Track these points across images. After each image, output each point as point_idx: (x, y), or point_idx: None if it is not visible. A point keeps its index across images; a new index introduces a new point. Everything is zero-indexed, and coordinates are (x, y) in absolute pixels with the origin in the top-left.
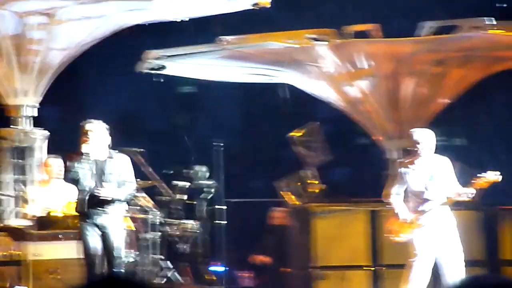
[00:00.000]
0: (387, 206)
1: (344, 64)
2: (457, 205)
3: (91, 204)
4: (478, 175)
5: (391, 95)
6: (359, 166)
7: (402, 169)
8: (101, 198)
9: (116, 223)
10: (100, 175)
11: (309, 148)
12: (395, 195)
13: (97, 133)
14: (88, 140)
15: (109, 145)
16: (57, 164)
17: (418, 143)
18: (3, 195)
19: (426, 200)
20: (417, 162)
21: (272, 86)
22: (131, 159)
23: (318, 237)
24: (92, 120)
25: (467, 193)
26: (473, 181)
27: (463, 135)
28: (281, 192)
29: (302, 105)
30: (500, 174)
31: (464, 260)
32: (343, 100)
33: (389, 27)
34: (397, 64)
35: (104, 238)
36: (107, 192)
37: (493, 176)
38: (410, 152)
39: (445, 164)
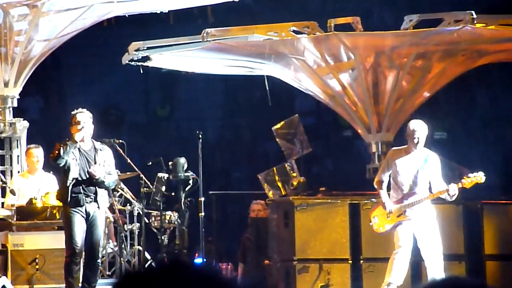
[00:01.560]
0: (367, 199)
1: (325, 57)
2: (438, 199)
3: (80, 191)
4: (467, 175)
5: (372, 89)
6: (341, 159)
7: (393, 158)
8: (94, 180)
9: (102, 212)
10: (85, 164)
11: (289, 141)
12: (381, 183)
13: (87, 122)
14: (81, 129)
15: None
16: (37, 154)
17: (415, 133)
18: None
19: (413, 192)
20: (410, 153)
21: (255, 78)
22: (111, 149)
23: (298, 229)
24: (84, 110)
25: (450, 191)
26: (461, 181)
27: (444, 129)
28: (262, 184)
29: (284, 97)
30: (482, 169)
31: (445, 254)
32: (324, 93)
33: (371, 20)
34: (378, 57)
35: (90, 226)
36: (100, 172)
37: (480, 177)
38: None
39: (435, 159)
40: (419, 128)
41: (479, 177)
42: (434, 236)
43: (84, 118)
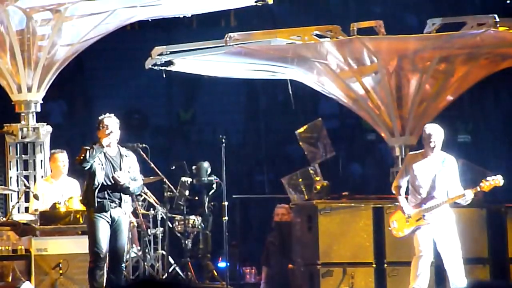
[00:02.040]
0: (391, 202)
1: (348, 61)
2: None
3: (104, 197)
4: (485, 179)
5: (395, 92)
6: (364, 163)
7: (411, 162)
8: (119, 186)
9: (127, 217)
10: (111, 169)
11: (312, 144)
12: (399, 188)
13: (115, 128)
14: (109, 133)
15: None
16: (63, 159)
17: (432, 137)
18: (8, 190)
19: (431, 197)
20: (427, 157)
21: (277, 82)
22: (134, 154)
23: (322, 233)
24: (111, 115)
25: (466, 197)
26: (480, 185)
27: (468, 131)
28: (285, 188)
29: (307, 101)
30: (506, 171)
31: (469, 258)
32: (348, 97)
33: (394, 24)
34: (401, 61)
35: (115, 231)
36: (125, 178)
37: (498, 180)
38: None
39: (452, 162)
40: (435, 132)
41: (497, 180)
42: (453, 240)
43: (112, 123)
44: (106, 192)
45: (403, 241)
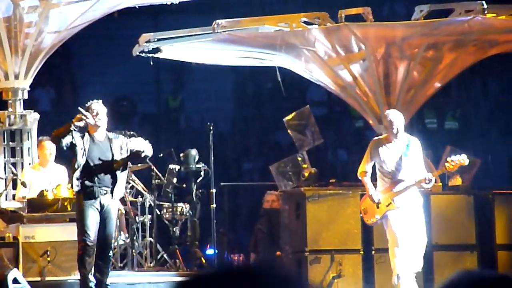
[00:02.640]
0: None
1: (336, 48)
2: (448, 189)
3: (94, 183)
4: (450, 159)
5: (383, 79)
6: (352, 150)
7: (376, 147)
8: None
9: (116, 203)
10: (100, 154)
11: (300, 132)
12: (366, 173)
13: (102, 113)
14: (100, 119)
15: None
16: (50, 147)
17: (394, 124)
18: None
19: (399, 180)
20: (391, 141)
21: (265, 69)
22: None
23: (310, 221)
24: (99, 101)
25: (427, 178)
26: (445, 165)
27: (456, 118)
28: (274, 175)
29: (295, 88)
30: (494, 158)
31: (457, 245)
32: (335, 84)
33: (381, 11)
34: (389, 48)
35: (104, 219)
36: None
37: (463, 159)
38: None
39: (416, 144)
40: (396, 118)
41: (462, 159)
42: (420, 224)
43: (99, 108)
44: (95, 178)
45: (375, 225)
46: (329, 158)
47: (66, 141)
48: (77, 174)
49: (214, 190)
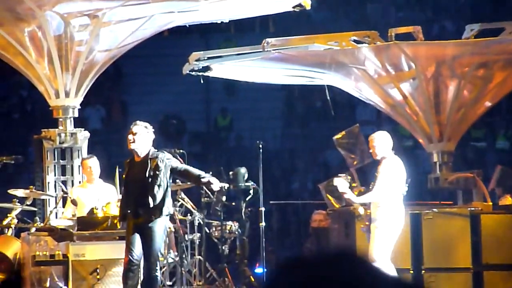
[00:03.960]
0: (428, 209)
1: (386, 67)
2: (499, 209)
3: (133, 203)
4: None
5: (433, 98)
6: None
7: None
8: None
9: (160, 223)
10: (139, 175)
11: (349, 150)
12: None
13: (139, 135)
14: (134, 140)
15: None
16: (91, 164)
17: (373, 145)
18: (45, 195)
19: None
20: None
21: (315, 88)
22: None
23: (359, 239)
24: (139, 122)
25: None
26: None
27: (506, 137)
28: (323, 194)
29: (345, 107)
30: None
31: (507, 264)
32: (385, 103)
33: (432, 30)
34: (440, 67)
35: (145, 236)
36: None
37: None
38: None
39: (383, 164)
40: (371, 140)
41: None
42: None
43: (137, 129)
44: (133, 196)
45: (441, 247)
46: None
47: None
48: (125, 200)
49: (263, 209)
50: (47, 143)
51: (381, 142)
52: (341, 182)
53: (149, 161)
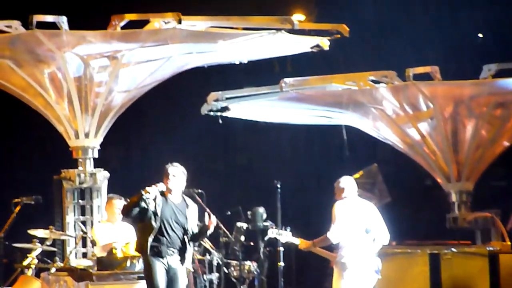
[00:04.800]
0: (447, 248)
1: (404, 106)
2: None
3: (162, 243)
4: None
5: (451, 138)
6: (420, 208)
7: None
8: (205, 231)
9: (184, 268)
10: (173, 216)
11: (368, 190)
12: None
13: (178, 177)
14: (170, 182)
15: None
16: (119, 206)
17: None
18: (65, 235)
19: None
20: None
21: (334, 127)
22: (190, 199)
23: (379, 279)
24: (176, 164)
25: None
26: None
27: None
28: None
29: (363, 146)
30: None
31: None
32: (403, 142)
33: (449, 69)
34: (457, 107)
35: (171, 280)
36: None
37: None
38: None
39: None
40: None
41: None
42: None
43: (175, 171)
44: (164, 238)
45: (460, 287)
46: (396, 217)
47: (135, 212)
48: (151, 238)
49: (281, 248)
50: (66, 183)
51: (339, 186)
52: (280, 233)
53: (188, 207)
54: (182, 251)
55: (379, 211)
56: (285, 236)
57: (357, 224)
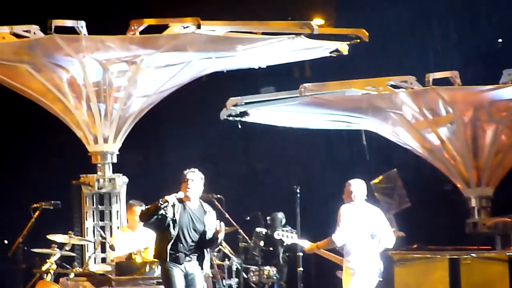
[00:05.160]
0: (467, 254)
1: (423, 111)
2: None
3: (180, 250)
4: None
5: (471, 143)
6: (439, 213)
7: None
8: (217, 238)
9: (202, 274)
10: (190, 223)
11: (387, 195)
12: None
13: (196, 183)
14: (188, 188)
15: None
16: (139, 211)
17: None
18: (84, 241)
19: None
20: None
21: (353, 132)
22: (209, 204)
23: (398, 285)
24: (195, 170)
25: None
26: None
27: None
28: None
29: (382, 151)
30: None
31: None
32: (423, 147)
33: (469, 74)
34: (477, 112)
35: (189, 284)
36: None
37: None
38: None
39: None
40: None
41: None
42: None
43: (194, 177)
44: (182, 245)
45: None
46: (416, 222)
47: (153, 220)
48: (169, 245)
49: (301, 254)
50: (85, 188)
51: (348, 189)
52: (285, 235)
53: (206, 214)
54: (199, 257)
55: (399, 215)
56: (292, 238)
57: (363, 229)
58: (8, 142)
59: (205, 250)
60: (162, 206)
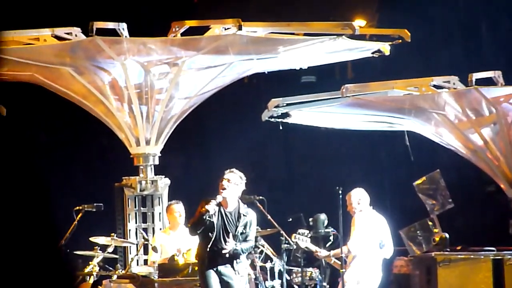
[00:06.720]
0: (511, 254)
1: (466, 112)
2: None
3: (217, 253)
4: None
5: None
6: (483, 214)
7: None
8: (223, 252)
9: (239, 277)
10: (224, 226)
11: (430, 196)
12: None
13: (232, 183)
14: (224, 188)
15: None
16: (179, 209)
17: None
18: (127, 243)
19: None
20: None
21: (395, 133)
22: (251, 206)
23: (441, 286)
24: (235, 170)
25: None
26: None
27: None
28: (404, 240)
29: (425, 152)
30: None
31: None
32: (466, 148)
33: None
34: None
35: (226, 287)
36: (230, 248)
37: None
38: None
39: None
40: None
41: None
42: None
43: (230, 177)
44: (216, 248)
45: None
46: (459, 223)
47: (200, 230)
48: (208, 248)
49: (343, 255)
50: (128, 190)
51: (353, 199)
52: (301, 239)
53: (240, 217)
54: (232, 261)
55: (442, 216)
56: (304, 241)
57: (374, 237)
58: (50, 145)
59: (239, 254)
60: (205, 218)
